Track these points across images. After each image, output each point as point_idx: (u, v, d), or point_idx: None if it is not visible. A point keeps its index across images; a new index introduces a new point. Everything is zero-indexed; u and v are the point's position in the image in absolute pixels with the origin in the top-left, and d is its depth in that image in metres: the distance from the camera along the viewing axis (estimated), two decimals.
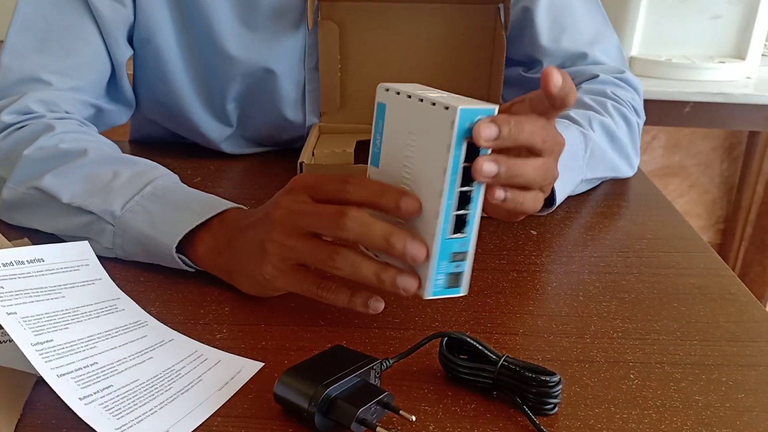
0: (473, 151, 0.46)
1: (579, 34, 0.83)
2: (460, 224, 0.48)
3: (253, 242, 0.53)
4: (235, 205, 0.59)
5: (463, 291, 0.50)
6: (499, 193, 0.48)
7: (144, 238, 0.58)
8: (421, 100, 0.48)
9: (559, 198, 0.65)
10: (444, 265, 0.49)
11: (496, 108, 0.47)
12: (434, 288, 0.49)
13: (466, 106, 0.46)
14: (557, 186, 0.64)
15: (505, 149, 0.47)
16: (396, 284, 0.47)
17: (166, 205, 0.59)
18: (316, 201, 0.50)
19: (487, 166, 0.46)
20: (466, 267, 0.49)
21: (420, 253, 0.47)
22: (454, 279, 0.49)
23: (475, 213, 0.48)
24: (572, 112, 0.72)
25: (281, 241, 0.50)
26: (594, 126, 0.72)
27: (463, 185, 0.47)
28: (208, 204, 0.59)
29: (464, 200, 0.48)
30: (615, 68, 0.84)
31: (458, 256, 0.49)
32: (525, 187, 0.50)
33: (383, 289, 0.48)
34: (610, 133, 0.74)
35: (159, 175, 0.63)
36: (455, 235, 0.48)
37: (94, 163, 0.64)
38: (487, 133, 0.45)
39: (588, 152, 0.70)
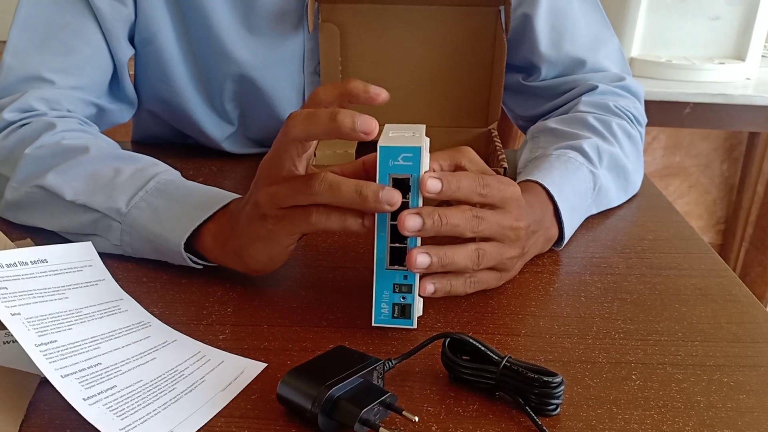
0: (403, 186, 0.49)
1: (578, 40, 0.83)
2: (398, 257, 0.50)
3: (249, 211, 0.54)
4: (237, 196, 0.60)
5: (413, 324, 0.51)
6: (429, 287, 0.51)
7: (152, 236, 0.58)
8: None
9: (567, 237, 0.65)
10: (387, 295, 0.51)
11: (422, 146, 0.48)
12: (380, 315, 0.51)
13: (390, 144, 0.48)
14: (566, 226, 0.64)
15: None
16: (379, 198, 0.47)
17: (171, 200, 0.60)
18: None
19: (410, 221, 0.48)
20: (413, 300, 0.51)
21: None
22: (401, 310, 0.51)
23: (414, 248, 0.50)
24: (585, 144, 0.71)
25: (265, 191, 0.51)
26: (603, 159, 0.71)
27: (395, 219, 0.49)
28: (212, 198, 0.59)
29: (399, 234, 0.49)
30: (615, 75, 0.83)
31: (402, 288, 0.51)
32: (458, 272, 0.52)
33: (367, 206, 0.48)
34: (618, 166, 0.73)
35: (161, 170, 0.63)
36: (395, 267, 0.51)
37: (95, 160, 0.64)
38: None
39: (596, 191, 0.70)
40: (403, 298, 0.51)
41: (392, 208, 0.48)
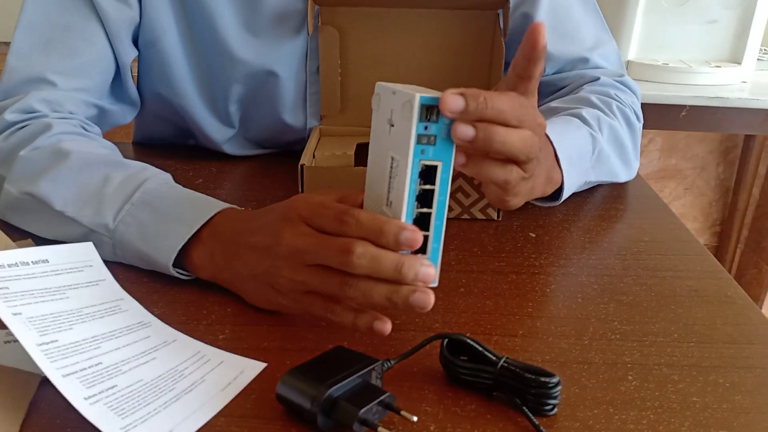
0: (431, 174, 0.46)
1: (579, 41, 0.84)
2: (421, 223, 0.47)
3: (258, 270, 0.52)
4: (224, 206, 0.59)
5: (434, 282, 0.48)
6: (466, 130, 0.45)
7: (140, 254, 0.58)
8: (394, 93, 0.47)
9: (567, 192, 0.65)
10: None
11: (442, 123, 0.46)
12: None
13: (427, 94, 0.44)
14: (566, 180, 0.64)
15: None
16: (409, 303, 0.46)
17: (156, 213, 0.58)
18: (317, 230, 0.48)
19: (460, 129, 0.44)
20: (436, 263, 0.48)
21: (431, 273, 0.46)
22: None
23: (440, 215, 0.47)
24: (584, 111, 0.72)
25: (291, 276, 0.49)
26: (603, 128, 0.72)
27: (425, 183, 0.46)
28: (196, 210, 0.58)
29: (426, 198, 0.46)
30: (615, 72, 0.84)
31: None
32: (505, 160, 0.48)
33: (398, 309, 0.47)
34: (616, 138, 0.75)
35: (148, 176, 0.62)
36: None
37: (86, 167, 0.63)
38: (452, 105, 0.43)
39: (595, 155, 0.71)
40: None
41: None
